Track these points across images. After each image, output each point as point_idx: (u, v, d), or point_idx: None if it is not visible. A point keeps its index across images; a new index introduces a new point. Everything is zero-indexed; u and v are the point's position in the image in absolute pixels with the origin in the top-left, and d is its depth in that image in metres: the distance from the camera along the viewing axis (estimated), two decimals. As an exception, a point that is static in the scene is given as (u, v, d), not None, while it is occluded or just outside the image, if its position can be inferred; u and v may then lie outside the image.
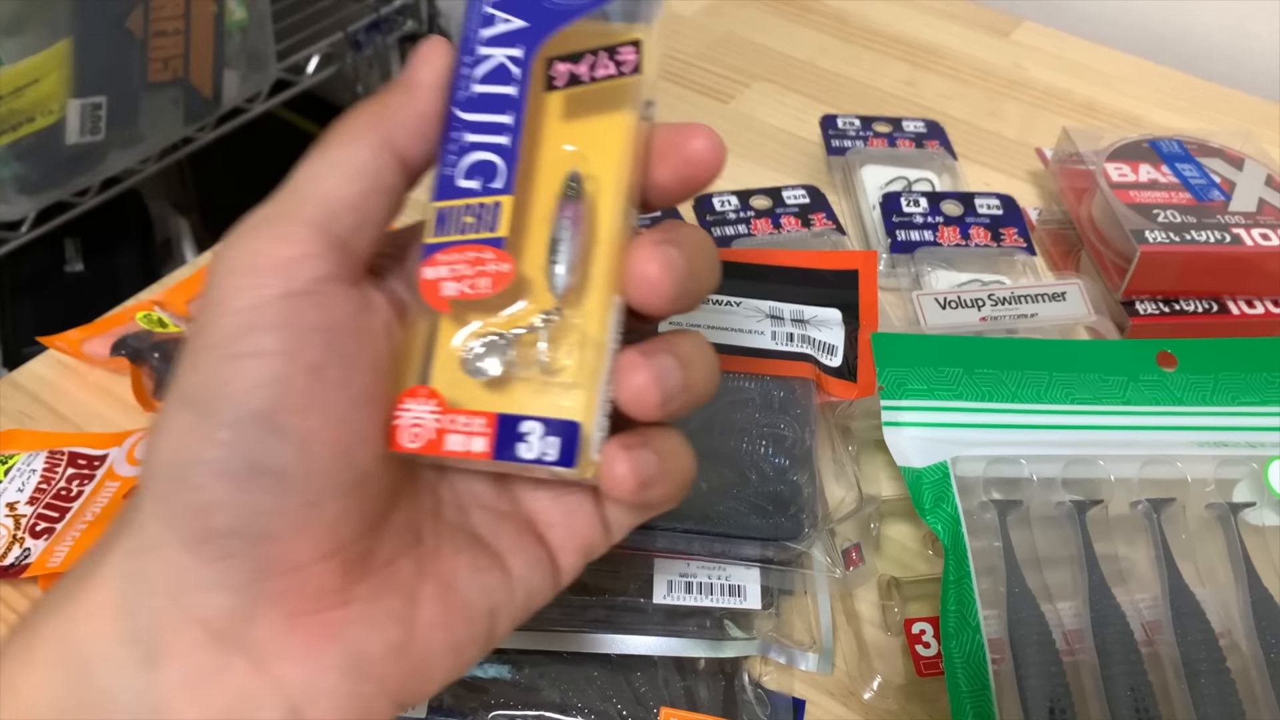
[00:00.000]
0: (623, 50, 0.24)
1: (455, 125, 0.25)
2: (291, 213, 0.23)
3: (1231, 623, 0.36)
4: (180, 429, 0.21)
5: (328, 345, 0.22)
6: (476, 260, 0.24)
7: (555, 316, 0.24)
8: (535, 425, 0.23)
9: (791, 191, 0.57)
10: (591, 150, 0.24)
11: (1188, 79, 0.69)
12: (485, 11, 0.26)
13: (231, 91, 0.90)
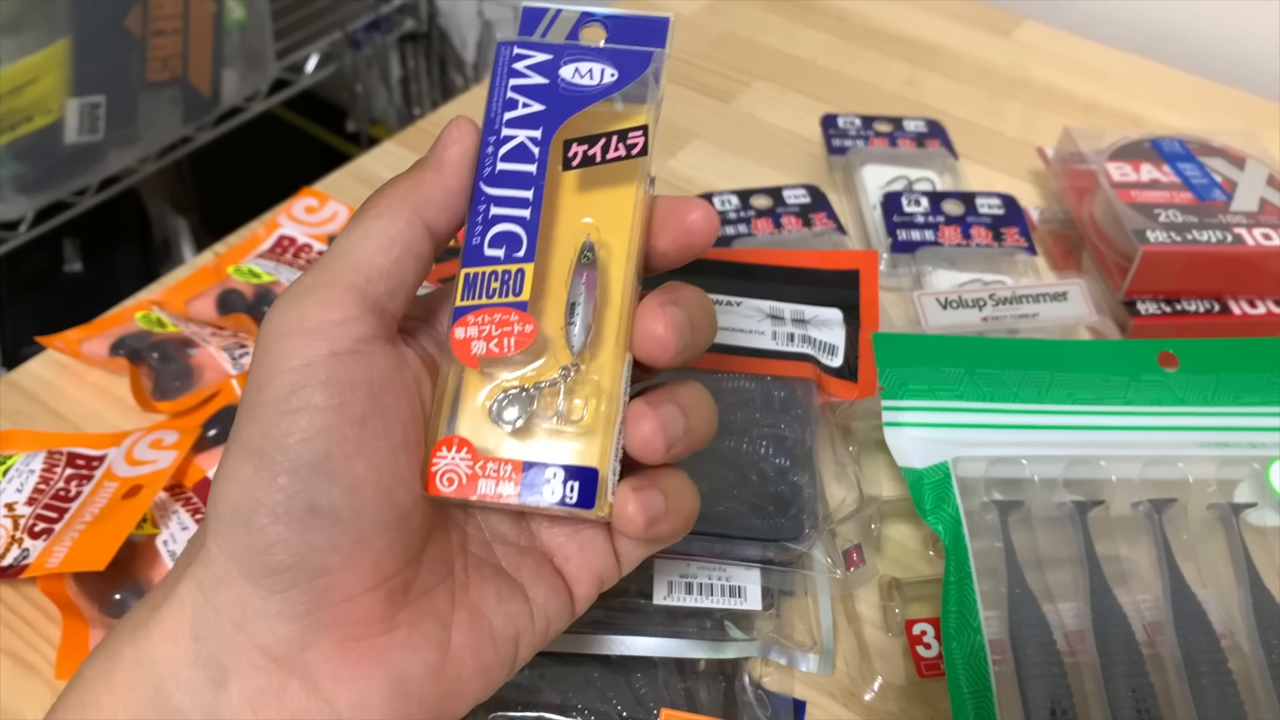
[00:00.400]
0: (632, 134, 0.28)
1: (481, 198, 0.28)
2: (334, 280, 0.26)
3: (1233, 623, 0.36)
4: (243, 477, 0.24)
5: (370, 398, 0.25)
6: (503, 322, 0.26)
7: (572, 371, 0.26)
8: (557, 471, 0.26)
9: (792, 191, 0.57)
10: (603, 221, 0.27)
11: (1189, 78, 0.69)
12: (508, 96, 0.29)
13: (230, 91, 0.90)
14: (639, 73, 0.28)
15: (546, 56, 0.29)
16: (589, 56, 0.29)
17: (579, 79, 0.29)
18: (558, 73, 0.29)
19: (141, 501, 0.41)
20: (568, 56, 0.29)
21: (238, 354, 0.49)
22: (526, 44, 0.29)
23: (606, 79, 0.28)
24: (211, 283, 0.54)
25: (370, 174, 0.62)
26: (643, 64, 0.29)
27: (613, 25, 0.30)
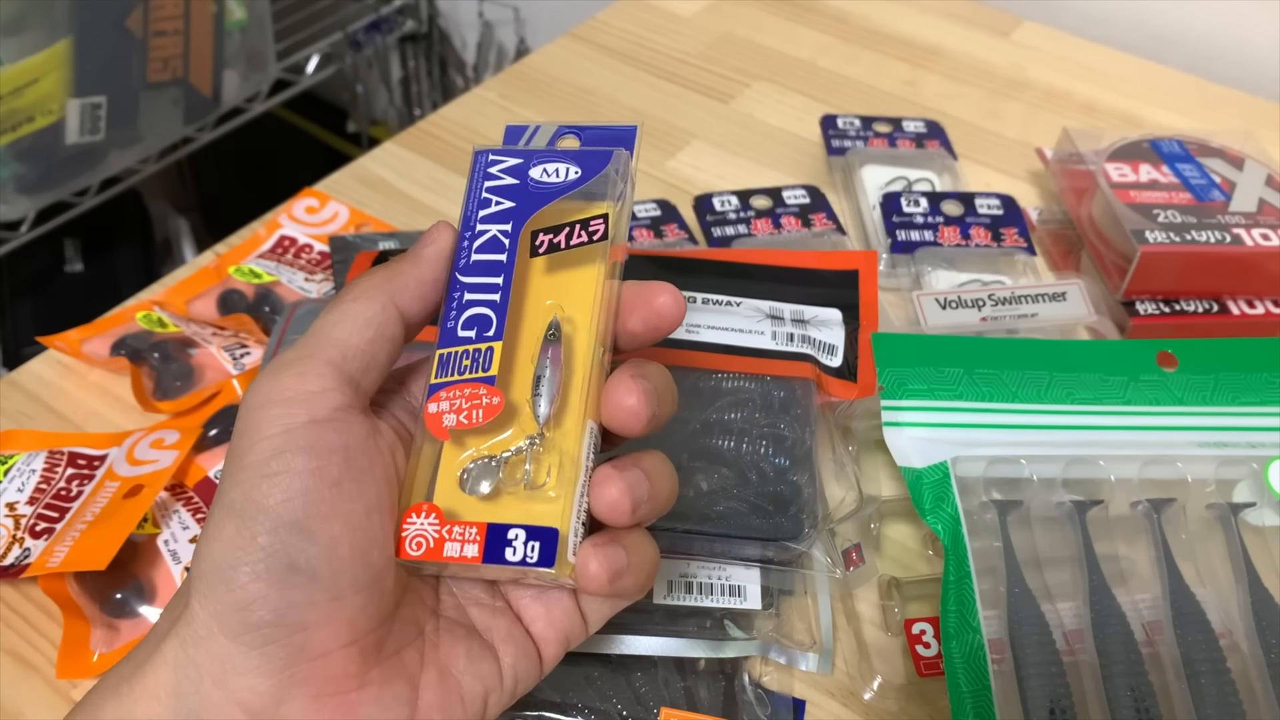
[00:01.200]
0: (594, 222, 0.30)
1: (456, 286, 0.30)
2: (313, 354, 0.28)
3: (1232, 623, 0.36)
4: (225, 536, 0.26)
5: (346, 462, 0.27)
6: (472, 396, 0.29)
7: (538, 440, 0.28)
8: (520, 532, 0.27)
9: (792, 191, 0.57)
10: (568, 302, 0.29)
11: (1188, 79, 0.69)
12: (483, 196, 0.32)
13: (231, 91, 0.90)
14: (600, 169, 0.31)
15: (517, 161, 0.32)
16: (555, 158, 0.32)
17: (546, 177, 0.31)
18: (527, 173, 0.31)
19: (143, 501, 0.41)
20: (536, 160, 0.32)
21: (239, 354, 0.49)
22: (500, 151, 0.32)
23: (571, 176, 0.31)
24: (212, 283, 0.54)
25: (370, 174, 0.62)
26: (603, 161, 0.31)
27: (586, 135, 0.33)
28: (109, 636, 0.40)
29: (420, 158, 0.63)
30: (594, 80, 0.68)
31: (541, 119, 0.65)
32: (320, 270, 0.55)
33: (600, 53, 0.71)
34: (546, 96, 0.67)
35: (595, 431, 0.29)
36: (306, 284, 0.54)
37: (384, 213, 0.59)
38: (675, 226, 0.56)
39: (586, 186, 0.31)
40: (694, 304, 0.44)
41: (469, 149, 0.63)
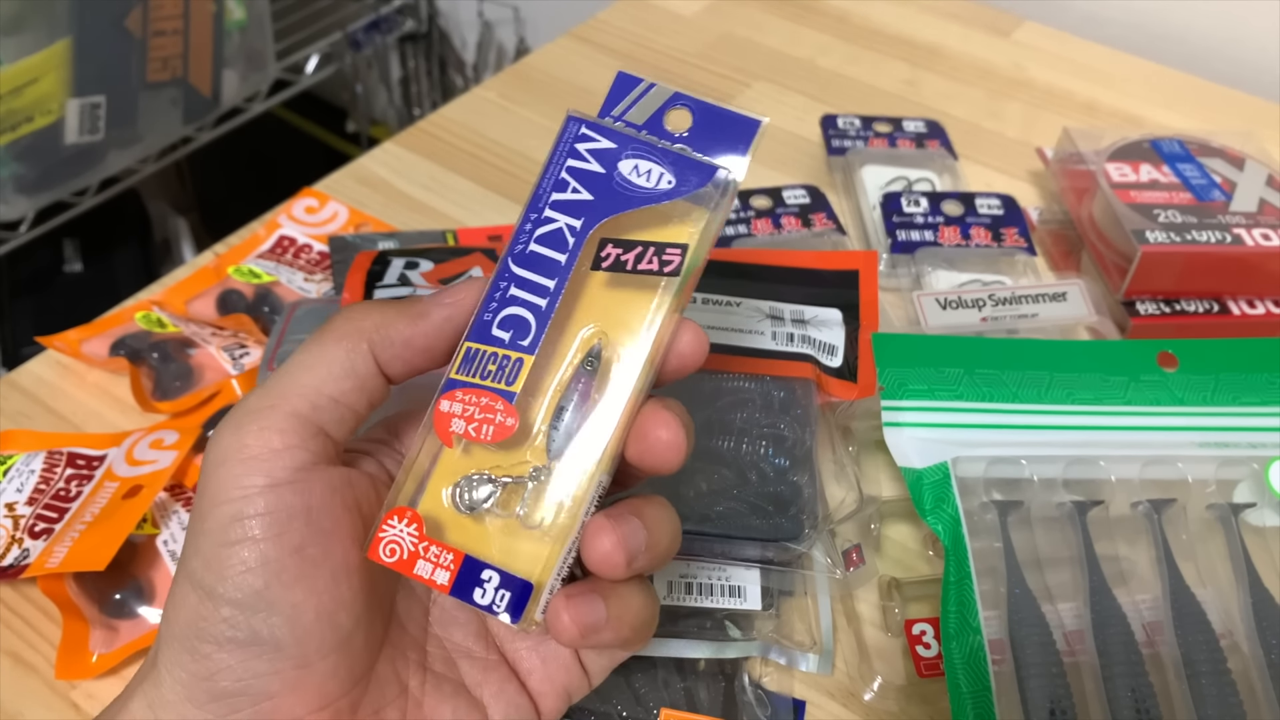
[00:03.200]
0: (670, 251, 0.26)
1: (504, 275, 0.27)
2: (279, 404, 0.26)
3: (1232, 623, 0.36)
4: (190, 605, 0.25)
5: (308, 525, 0.25)
6: (488, 408, 0.26)
7: (544, 475, 0.26)
8: (494, 575, 0.25)
9: (792, 191, 0.57)
10: (617, 330, 0.26)
11: (1189, 79, 0.69)
12: (561, 176, 0.28)
13: (230, 91, 0.90)
14: (697, 187, 0.27)
15: (610, 145, 0.28)
16: (651, 156, 0.27)
17: (635, 178, 0.27)
18: (616, 165, 0.28)
19: (142, 501, 0.41)
20: (630, 151, 0.28)
21: (238, 354, 0.49)
22: (595, 126, 0.28)
23: (662, 185, 0.27)
24: (212, 283, 0.54)
25: (370, 174, 0.62)
26: (704, 178, 0.27)
27: (700, 113, 0.28)
28: (108, 637, 0.40)
29: (420, 157, 0.63)
30: (594, 80, 0.68)
31: (541, 119, 0.65)
32: (320, 270, 0.55)
33: (600, 52, 0.71)
34: (546, 96, 0.67)
35: (604, 483, 0.26)
36: (306, 284, 0.54)
37: (383, 212, 0.59)
38: (675, 226, 0.55)
39: (678, 202, 0.27)
40: (694, 304, 0.44)
41: (469, 149, 0.63)
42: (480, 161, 0.62)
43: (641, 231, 0.27)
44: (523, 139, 0.64)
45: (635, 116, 0.28)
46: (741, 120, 0.28)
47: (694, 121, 0.28)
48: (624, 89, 0.29)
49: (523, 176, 0.61)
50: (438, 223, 0.59)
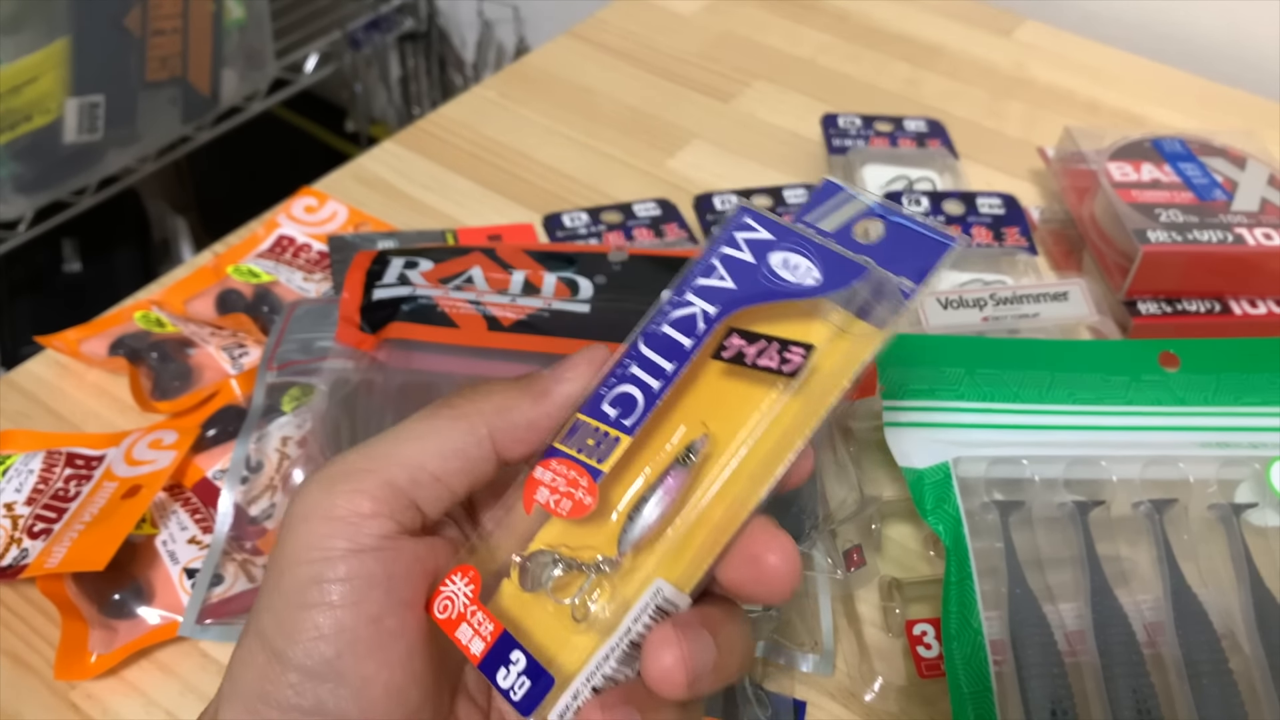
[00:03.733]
0: (793, 350, 0.25)
1: (631, 351, 0.26)
2: (377, 471, 0.25)
3: (1234, 624, 0.36)
4: (257, 665, 0.24)
5: (387, 596, 0.24)
6: (573, 482, 0.25)
7: (607, 568, 0.24)
8: (522, 659, 0.24)
9: (792, 190, 0.57)
10: (724, 427, 0.24)
11: (1190, 78, 0.69)
12: (711, 262, 0.27)
13: (230, 90, 0.90)
14: (841, 285, 0.25)
15: (767, 236, 0.26)
16: (803, 250, 0.26)
17: (782, 270, 0.26)
18: (767, 256, 0.26)
19: (141, 502, 0.41)
20: (785, 243, 0.26)
21: (237, 354, 0.49)
22: (759, 217, 0.27)
23: (808, 280, 0.25)
24: (211, 283, 0.54)
25: (369, 173, 0.62)
26: (849, 276, 0.25)
27: (893, 226, 0.26)
28: (107, 637, 0.40)
29: (419, 157, 0.63)
30: (594, 79, 0.68)
31: (541, 118, 0.65)
32: (319, 270, 0.55)
33: (600, 52, 0.71)
34: (546, 95, 0.67)
35: (667, 595, 0.24)
36: (305, 284, 0.54)
37: (383, 212, 0.59)
38: (675, 226, 0.55)
39: (825, 298, 0.25)
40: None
41: (468, 148, 0.63)
42: (480, 161, 0.62)
43: (772, 326, 0.25)
44: (522, 138, 0.63)
45: (827, 223, 0.27)
46: (931, 239, 0.25)
47: (885, 233, 0.26)
48: (825, 195, 0.27)
49: (522, 176, 0.61)
50: (437, 222, 0.58)
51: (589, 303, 0.44)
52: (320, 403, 0.42)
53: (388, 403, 0.42)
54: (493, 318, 0.43)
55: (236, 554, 0.42)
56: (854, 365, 0.24)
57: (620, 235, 0.55)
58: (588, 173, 0.61)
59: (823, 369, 0.24)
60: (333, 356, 0.43)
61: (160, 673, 0.40)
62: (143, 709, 0.39)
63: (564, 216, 0.56)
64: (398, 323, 0.43)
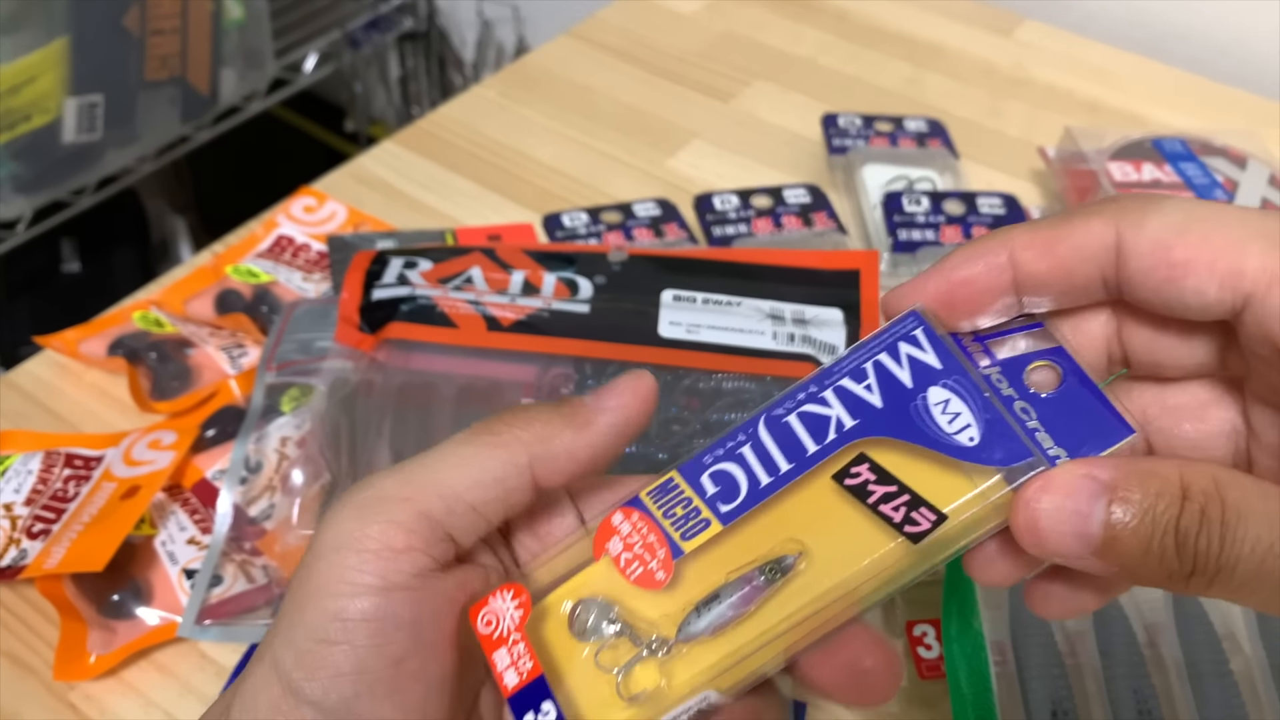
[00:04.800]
0: (923, 512, 0.22)
1: (749, 428, 0.24)
2: (412, 499, 0.24)
3: (1234, 624, 0.36)
4: (271, 696, 0.23)
5: (414, 639, 0.23)
6: (650, 547, 0.24)
7: (660, 651, 0.23)
8: (551, 712, 0.23)
9: (792, 190, 0.57)
10: (823, 553, 0.22)
11: (1191, 78, 0.69)
12: (863, 366, 0.24)
13: (229, 90, 0.90)
14: (999, 462, 0.22)
15: (934, 363, 0.23)
16: (969, 400, 0.23)
17: (937, 412, 0.23)
18: (927, 388, 0.23)
19: (140, 502, 0.41)
20: (950, 381, 0.23)
21: (236, 354, 0.49)
22: (931, 336, 0.24)
23: (961, 438, 0.22)
24: (210, 283, 0.54)
25: (368, 173, 0.61)
26: (1010, 456, 0.22)
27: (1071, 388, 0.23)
28: (106, 638, 0.40)
29: (419, 157, 0.63)
30: (594, 79, 0.68)
31: (541, 118, 0.65)
32: (318, 270, 0.55)
33: (600, 51, 0.71)
34: (546, 95, 0.67)
35: (713, 702, 0.23)
36: (304, 284, 0.54)
37: (382, 212, 0.59)
38: (675, 226, 0.55)
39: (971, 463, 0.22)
40: (694, 304, 0.44)
41: (468, 148, 0.63)
42: (479, 160, 0.62)
43: (910, 467, 0.22)
44: (522, 138, 0.63)
45: (1000, 349, 0.24)
46: (1110, 420, 0.22)
47: (1059, 389, 0.23)
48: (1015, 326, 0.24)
49: (522, 175, 0.61)
50: (436, 222, 0.58)
51: (589, 303, 0.44)
52: (319, 403, 0.42)
53: (387, 403, 0.42)
54: (492, 318, 0.43)
55: (235, 555, 0.42)
56: (976, 532, 0.22)
57: (620, 235, 0.55)
58: (587, 173, 0.61)
59: (947, 534, 0.22)
60: (332, 357, 0.43)
61: (159, 673, 0.40)
62: (141, 709, 0.39)
63: (564, 216, 0.56)
64: (397, 323, 0.43)
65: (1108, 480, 0.20)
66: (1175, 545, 0.19)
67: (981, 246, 0.23)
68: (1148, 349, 0.23)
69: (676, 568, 0.23)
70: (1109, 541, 0.20)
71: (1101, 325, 0.24)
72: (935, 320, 0.24)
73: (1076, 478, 0.20)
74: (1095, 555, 0.20)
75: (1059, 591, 0.23)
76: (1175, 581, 0.20)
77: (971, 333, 0.24)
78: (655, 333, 0.43)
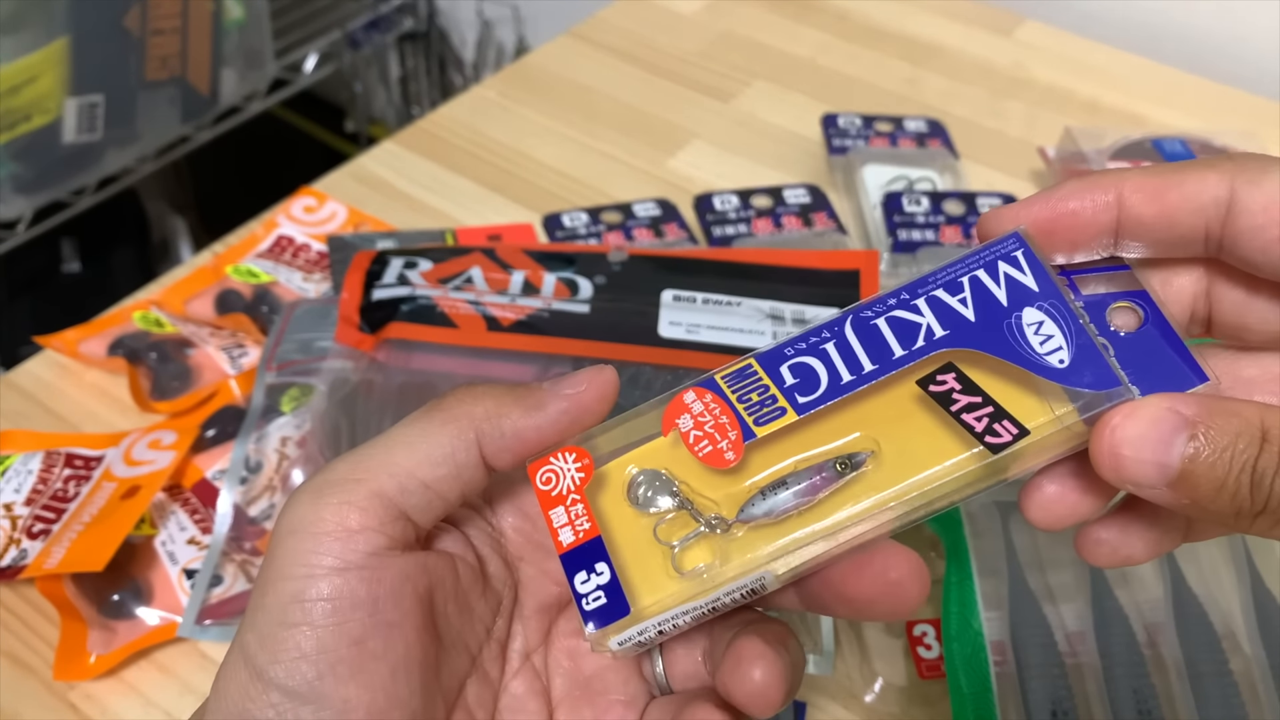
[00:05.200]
0: (1006, 425, 0.22)
1: (834, 327, 0.24)
2: (365, 480, 0.24)
3: (1234, 624, 0.36)
4: (239, 682, 0.23)
5: (372, 617, 0.23)
6: (721, 428, 0.24)
7: (719, 529, 0.23)
8: (607, 574, 0.23)
9: (792, 191, 0.57)
10: (896, 453, 0.22)
11: (1190, 78, 0.69)
12: (959, 279, 0.24)
13: (229, 90, 0.90)
14: (1085, 385, 0.22)
15: (1031, 286, 0.23)
16: (1063, 324, 0.23)
17: (1030, 333, 0.23)
18: (1022, 308, 0.23)
19: (140, 502, 0.41)
20: (1046, 304, 0.23)
21: (236, 354, 0.49)
22: (1032, 260, 0.24)
23: (1052, 360, 0.22)
24: (210, 283, 0.54)
25: (369, 173, 0.61)
26: (1097, 382, 0.22)
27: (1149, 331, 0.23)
28: (106, 638, 0.40)
29: (419, 157, 0.63)
30: (594, 79, 0.68)
31: (541, 118, 0.65)
32: (318, 270, 0.55)
33: (600, 51, 0.71)
34: (546, 95, 0.67)
35: (766, 584, 0.23)
36: (304, 284, 0.54)
37: (382, 212, 0.59)
38: (675, 226, 0.55)
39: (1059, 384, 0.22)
40: (694, 304, 0.44)
41: (468, 148, 0.63)
42: (479, 160, 0.62)
43: (995, 383, 0.23)
44: (522, 138, 0.63)
45: (1087, 286, 0.24)
46: (1187, 367, 0.22)
47: (1139, 331, 0.23)
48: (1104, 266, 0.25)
49: (522, 175, 0.61)
50: (437, 222, 0.58)
51: (588, 303, 0.44)
52: (319, 403, 0.42)
53: (387, 403, 0.42)
54: (492, 318, 0.43)
55: (236, 554, 0.42)
56: (1047, 455, 0.22)
57: (620, 235, 0.55)
58: (587, 172, 0.61)
59: (1020, 453, 0.22)
60: (332, 357, 0.43)
61: (159, 673, 0.40)
62: (141, 709, 0.39)
63: (564, 216, 0.56)
64: (397, 323, 0.43)
65: (1191, 415, 0.20)
66: (1250, 484, 0.20)
67: (1092, 182, 0.23)
68: (1237, 312, 0.24)
69: (745, 451, 0.23)
70: (1185, 475, 0.20)
71: (1192, 282, 0.24)
72: (1036, 245, 0.24)
73: (1162, 410, 0.21)
74: (1169, 486, 0.20)
75: (1111, 539, 0.23)
76: (1242, 519, 0.20)
77: (1059, 266, 0.24)
78: (655, 333, 0.43)
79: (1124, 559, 0.24)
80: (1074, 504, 0.23)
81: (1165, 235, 0.23)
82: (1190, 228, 0.23)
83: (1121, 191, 0.23)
